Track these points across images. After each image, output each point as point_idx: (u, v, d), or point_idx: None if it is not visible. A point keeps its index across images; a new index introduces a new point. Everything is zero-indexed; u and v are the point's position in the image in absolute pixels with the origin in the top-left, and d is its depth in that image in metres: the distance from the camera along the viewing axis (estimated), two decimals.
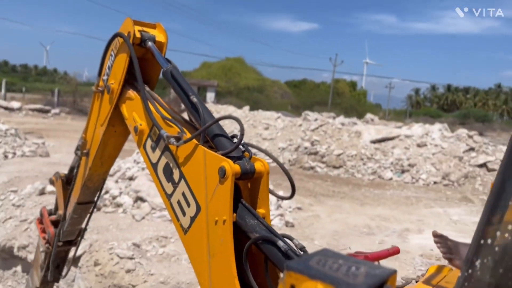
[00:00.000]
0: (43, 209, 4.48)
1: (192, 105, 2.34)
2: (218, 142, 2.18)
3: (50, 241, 4.20)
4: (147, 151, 2.48)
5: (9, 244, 8.01)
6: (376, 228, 8.99)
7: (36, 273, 4.80)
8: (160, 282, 5.50)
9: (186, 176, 2.21)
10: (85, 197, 3.64)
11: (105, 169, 3.36)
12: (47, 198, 9.43)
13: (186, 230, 2.19)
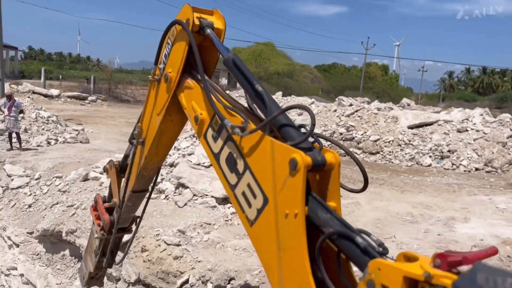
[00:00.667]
0: (98, 196, 4.53)
1: (257, 94, 2.26)
2: (286, 132, 2.09)
3: (105, 228, 4.25)
4: (208, 141, 2.43)
5: (58, 228, 8.29)
6: (419, 216, 8.78)
7: (90, 259, 4.90)
8: (207, 269, 5.55)
9: (251, 167, 2.15)
10: (140, 186, 3.67)
11: (160, 158, 3.36)
12: (91, 184, 9.69)
13: (252, 222, 2.14)
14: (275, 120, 2.13)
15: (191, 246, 6.32)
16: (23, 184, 10.55)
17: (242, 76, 2.37)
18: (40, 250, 8.70)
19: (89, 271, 4.80)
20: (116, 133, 19.48)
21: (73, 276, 7.93)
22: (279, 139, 2.05)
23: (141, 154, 3.24)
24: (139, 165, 3.33)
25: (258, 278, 5.09)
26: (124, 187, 3.66)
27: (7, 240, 9.36)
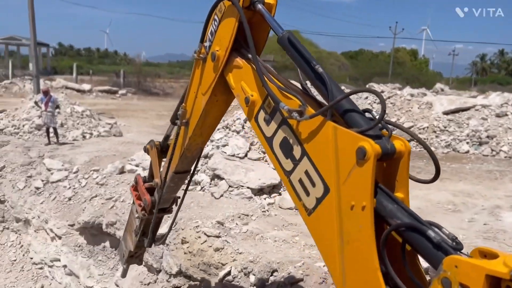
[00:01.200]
0: (138, 176, 4.51)
1: (317, 75, 2.12)
2: (351, 118, 1.97)
3: (146, 209, 4.15)
4: (260, 124, 2.34)
5: (98, 221, 8.45)
6: (461, 205, 8.52)
7: (130, 238, 4.90)
8: (249, 261, 5.53)
9: (310, 154, 2.04)
10: (183, 166, 3.60)
11: (204, 139, 3.29)
12: (127, 176, 9.82)
13: (311, 212, 2.05)
14: (337, 105, 2.01)
15: (231, 238, 6.31)
16: (62, 177, 10.80)
17: (300, 55, 2.23)
18: (81, 242, 8.91)
19: (129, 249, 4.82)
20: (147, 125, 19.74)
21: (114, 267, 8.09)
22: (342, 125, 1.94)
23: (184, 134, 3.19)
24: (182, 146, 3.28)
25: (302, 270, 5.03)
26: (166, 168, 3.62)
27: (49, 232, 9.63)
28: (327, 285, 4.74)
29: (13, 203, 10.99)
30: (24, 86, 29.45)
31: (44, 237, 9.90)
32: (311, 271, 4.97)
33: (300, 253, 5.75)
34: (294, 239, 6.29)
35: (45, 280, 9.34)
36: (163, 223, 5.11)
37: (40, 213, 10.13)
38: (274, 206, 8.05)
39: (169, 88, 40.01)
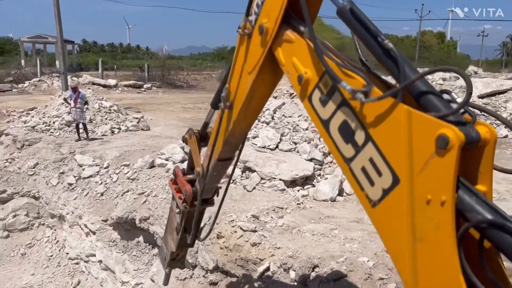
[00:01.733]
0: (177, 168, 4.38)
1: (385, 51, 1.87)
2: (428, 101, 1.73)
3: (187, 200, 4.00)
4: (314, 105, 2.12)
5: (131, 216, 8.44)
6: (506, 193, 8.11)
7: (171, 238, 4.77)
8: (288, 256, 5.36)
9: (376, 140, 1.83)
10: (226, 153, 3.40)
11: (248, 122, 3.08)
12: (158, 171, 9.78)
13: (375, 203, 1.86)
14: (411, 86, 1.80)
15: (267, 232, 6.15)
16: (94, 173, 10.87)
17: (365, 29, 1.96)
18: (115, 237, 8.93)
19: (170, 251, 4.70)
20: (174, 119, 19.73)
21: (149, 262, 8.08)
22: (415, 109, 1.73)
23: (228, 118, 2.99)
24: (225, 131, 3.07)
25: (345, 266, 4.82)
26: (209, 156, 3.45)
27: (83, 228, 9.71)
28: (372, 281, 4.53)
29: (47, 199, 11.15)
30: (52, 83, 29.94)
31: (79, 233, 10.01)
32: (355, 267, 4.76)
33: (340, 248, 5.54)
34: (333, 233, 6.08)
35: (82, 275, 9.45)
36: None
37: (74, 209, 10.23)
38: (308, 198, 7.85)
39: (193, 81, 40.00)
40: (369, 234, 6.01)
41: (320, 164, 8.55)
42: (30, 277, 9.82)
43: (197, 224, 4.19)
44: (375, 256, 5.18)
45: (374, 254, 5.26)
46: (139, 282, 7.76)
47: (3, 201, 11.45)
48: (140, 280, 7.78)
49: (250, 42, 2.53)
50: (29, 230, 11.31)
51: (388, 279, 4.43)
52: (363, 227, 6.34)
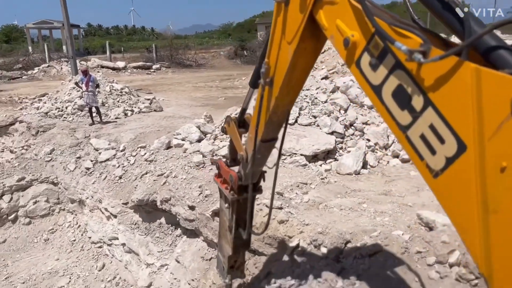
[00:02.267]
0: (220, 161, 4.29)
1: (445, 5, 1.71)
2: (499, 57, 1.55)
3: (234, 186, 3.95)
4: (363, 70, 1.98)
5: (152, 198, 8.36)
6: None
7: (225, 241, 4.66)
8: (318, 232, 5.21)
9: (437, 104, 1.68)
10: (269, 134, 3.32)
11: (291, 98, 2.99)
12: (175, 151, 9.64)
13: (438, 173, 1.72)
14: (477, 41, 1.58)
15: (293, 209, 6.00)
16: (111, 156, 10.79)
17: None
18: (137, 219, 8.89)
19: (227, 256, 4.62)
20: (185, 98, 19.55)
21: (173, 243, 8.03)
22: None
23: (269, 96, 2.91)
24: (267, 110, 3.00)
25: (380, 240, 4.65)
26: (252, 138, 3.37)
27: (104, 212, 9.69)
28: (409, 255, 4.35)
29: (66, 185, 11.15)
30: (62, 68, 29.87)
31: (100, 217, 10.00)
32: (389, 241, 4.59)
33: (371, 221, 5.36)
34: (362, 207, 5.91)
35: (106, 258, 9.48)
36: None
37: (93, 193, 10.21)
38: (332, 172, 7.66)
39: (202, 59, 39.61)
40: (399, 206, 5.82)
41: (342, 137, 8.32)
42: (55, 262, 9.88)
43: (250, 215, 4.10)
44: (408, 229, 5.00)
45: (407, 227, 5.08)
46: (164, 264, 7.73)
47: (22, 188, 11.47)
48: (165, 262, 7.75)
49: (288, 9, 2.38)
50: (50, 216, 11.35)
51: (426, 253, 4.26)
52: (392, 199, 6.15)
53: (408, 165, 7.84)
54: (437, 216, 4.88)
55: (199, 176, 7.86)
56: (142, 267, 8.21)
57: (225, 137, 9.49)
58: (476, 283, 3.73)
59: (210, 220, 6.85)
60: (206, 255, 7.00)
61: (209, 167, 8.17)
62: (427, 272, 4.07)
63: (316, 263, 4.91)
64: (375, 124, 8.72)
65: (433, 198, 5.65)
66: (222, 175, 4.26)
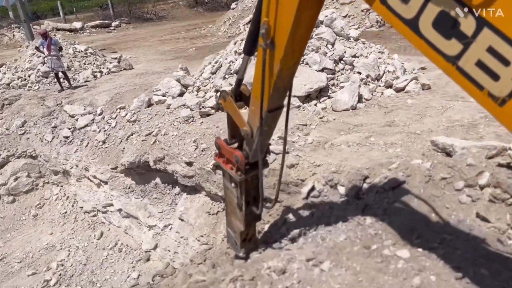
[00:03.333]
0: (219, 140, 4.04)
1: None
2: None
3: (241, 167, 3.80)
4: (391, 5, 1.76)
5: (143, 159, 7.99)
6: None
7: (235, 218, 4.45)
8: (332, 172, 5.02)
9: (495, 22, 1.49)
10: (274, 102, 3.17)
11: (296, 58, 2.83)
12: (158, 108, 9.17)
13: (504, 100, 1.56)
14: None
15: (299, 151, 5.78)
16: (89, 121, 10.23)
17: None
18: (129, 183, 8.55)
19: (239, 232, 4.42)
20: (154, 53, 18.65)
21: (173, 202, 7.78)
22: None
23: (271, 59, 2.71)
24: (271, 76, 2.82)
25: (401, 172, 4.49)
26: (256, 110, 3.16)
27: (93, 180, 9.29)
28: (434, 182, 4.23)
29: (46, 157, 10.59)
30: (14, 35, 27.85)
31: (89, 185, 9.59)
32: (411, 171, 4.44)
33: (384, 154, 5.21)
34: (369, 140, 5.73)
35: (103, 226, 9.19)
36: None
37: (77, 162, 9.73)
38: (328, 110, 7.42)
39: (161, 11, 37.72)
40: (408, 135, 5.68)
41: (332, 73, 8.01)
42: (49, 237, 9.54)
43: (261, 191, 3.88)
44: (424, 157, 4.86)
45: (422, 155, 4.95)
46: (168, 224, 7.51)
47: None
48: (168, 222, 7.53)
49: None
50: (35, 190, 10.86)
51: (452, 178, 4.14)
52: (398, 129, 6.00)
53: (403, 94, 7.68)
54: (453, 141, 4.75)
55: (191, 131, 7.49)
56: (144, 230, 7.98)
57: (209, 88, 9.06)
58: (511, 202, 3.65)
59: (211, 174, 6.58)
60: (212, 209, 6.80)
61: (199, 121, 7.80)
62: (457, 197, 3.96)
63: (335, 203, 4.76)
64: (364, 56, 8.43)
65: (439, 124, 5.46)
66: (225, 155, 4.02)
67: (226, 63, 9.06)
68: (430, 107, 6.68)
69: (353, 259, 3.59)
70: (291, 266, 3.76)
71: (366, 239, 3.83)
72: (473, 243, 3.51)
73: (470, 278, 3.11)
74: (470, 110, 6.28)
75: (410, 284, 3.12)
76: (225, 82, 8.65)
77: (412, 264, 3.33)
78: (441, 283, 3.09)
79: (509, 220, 3.60)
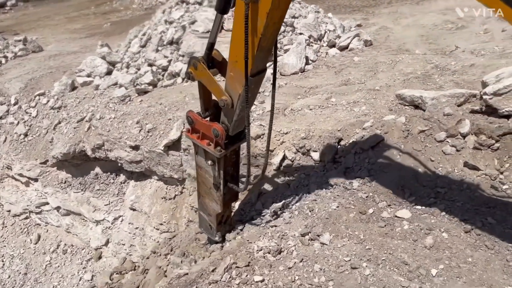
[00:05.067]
0: (191, 113, 3.61)
1: None
2: None
3: (221, 141, 3.44)
4: None
5: (78, 148, 7.15)
6: (459, 21, 8.00)
7: (210, 199, 4.07)
8: (301, 138, 4.72)
9: None
10: (258, 65, 2.95)
11: (282, 11, 2.67)
12: (85, 91, 8.24)
13: None
14: None
15: (260, 121, 5.41)
16: (3, 114, 8.98)
17: None
18: (64, 177, 7.65)
19: (215, 214, 4.10)
20: (63, 32, 16.87)
21: (120, 192, 7.08)
22: None
23: (254, 15, 2.56)
24: (255, 34, 2.65)
25: (378, 129, 4.32)
26: (240, 76, 2.90)
27: (19, 178, 8.21)
28: (413, 136, 4.11)
29: None
30: None
31: (14, 185, 8.48)
32: (387, 128, 4.28)
33: (351, 114, 5.01)
34: (331, 102, 5.51)
35: (39, 228, 8.19)
36: None
37: None
38: (277, 75, 7.08)
39: None
40: (368, 92, 5.54)
41: None
42: None
43: (249, 164, 3.63)
44: (393, 112, 4.74)
45: (390, 110, 4.83)
46: (118, 216, 6.84)
47: None
48: (118, 213, 6.85)
49: None
50: None
51: (431, 130, 4.04)
52: (356, 87, 5.84)
53: (347, 53, 7.56)
54: (421, 92, 4.66)
55: (130, 111, 6.78)
56: (90, 226, 7.22)
57: (140, 62, 8.26)
58: (498, 147, 3.61)
59: (163, 155, 6.01)
60: (168, 194, 6.26)
61: (137, 99, 7.08)
62: (441, 149, 3.87)
63: (311, 170, 4.50)
64: (303, 16, 8.14)
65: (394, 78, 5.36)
66: (199, 130, 3.59)
67: (157, 34, 8.29)
68: (379, 63, 6.61)
69: (353, 227, 3.36)
70: (286, 244, 3.46)
71: (360, 204, 3.62)
72: (469, 193, 3.44)
73: (480, 229, 3.01)
74: (419, 62, 6.29)
75: (423, 245, 2.96)
76: (158, 54, 7.92)
77: (419, 223, 3.17)
78: (454, 239, 2.96)
79: (497, 166, 3.56)
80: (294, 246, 3.39)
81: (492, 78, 4.04)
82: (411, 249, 2.93)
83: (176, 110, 6.43)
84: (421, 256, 2.84)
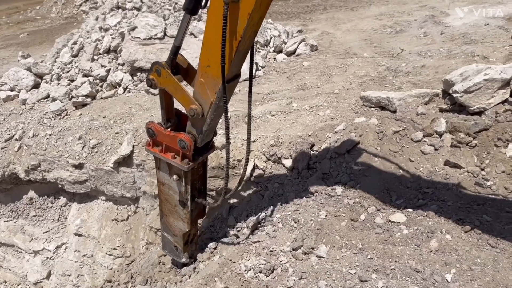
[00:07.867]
0: (151, 124, 3.23)
1: None
2: None
3: (188, 153, 3.12)
4: None
5: (8, 171, 6.32)
6: (396, 25, 8.31)
7: (175, 218, 3.73)
8: (271, 145, 4.48)
9: None
10: (233, 70, 2.73)
11: (262, 11, 2.48)
12: (11, 106, 7.37)
13: None
14: None
15: (222, 130, 5.10)
16: None
17: None
18: None
19: (182, 233, 3.74)
20: None
21: (61, 216, 6.34)
22: None
23: (233, 17, 2.37)
24: (233, 37, 2.44)
25: (352, 132, 4.21)
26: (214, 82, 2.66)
27: None
28: (388, 138, 4.06)
29: None
30: None
31: None
32: (361, 130, 4.20)
33: (317, 118, 4.88)
34: (292, 107, 5.35)
35: None
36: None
37: None
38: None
39: None
40: (328, 96, 5.47)
41: None
42: None
43: (227, 178, 3.29)
44: (359, 114, 4.69)
45: (355, 113, 4.78)
46: (61, 244, 6.10)
47: None
48: (61, 241, 6.11)
49: None
50: None
51: (405, 130, 4.01)
52: (314, 92, 5.75)
53: (295, 58, 7.50)
54: (386, 94, 4.65)
55: (70, 126, 6.12)
56: (27, 257, 6.37)
57: (73, 73, 7.56)
58: (475, 144, 3.65)
59: (113, 173, 5.46)
60: (119, 215, 5.70)
61: (76, 113, 6.43)
62: (419, 149, 3.85)
63: (284, 179, 4.28)
64: None
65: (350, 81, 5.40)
66: (162, 142, 3.23)
67: (91, 42, 7.65)
68: (330, 67, 6.60)
69: (348, 236, 3.18)
70: (277, 261, 3.19)
71: (349, 211, 3.46)
72: (455, 191, 3.41)
73: (479, 228, 2.97)
74: (370, 65, 6.38)
75: (428, 249, 2.85)
76: (95, 64, 7.30)
77: (418, 227, 3.06)
78: (458, 241, 2.89)
79: (477, 162, 3.59)
80: (287, 262, 3.14)
81: (457, 77, 4.11)
82: (417, 255, 2.81)
83: (122, 123, 5.91)
84: (429, 261, 2.73)
